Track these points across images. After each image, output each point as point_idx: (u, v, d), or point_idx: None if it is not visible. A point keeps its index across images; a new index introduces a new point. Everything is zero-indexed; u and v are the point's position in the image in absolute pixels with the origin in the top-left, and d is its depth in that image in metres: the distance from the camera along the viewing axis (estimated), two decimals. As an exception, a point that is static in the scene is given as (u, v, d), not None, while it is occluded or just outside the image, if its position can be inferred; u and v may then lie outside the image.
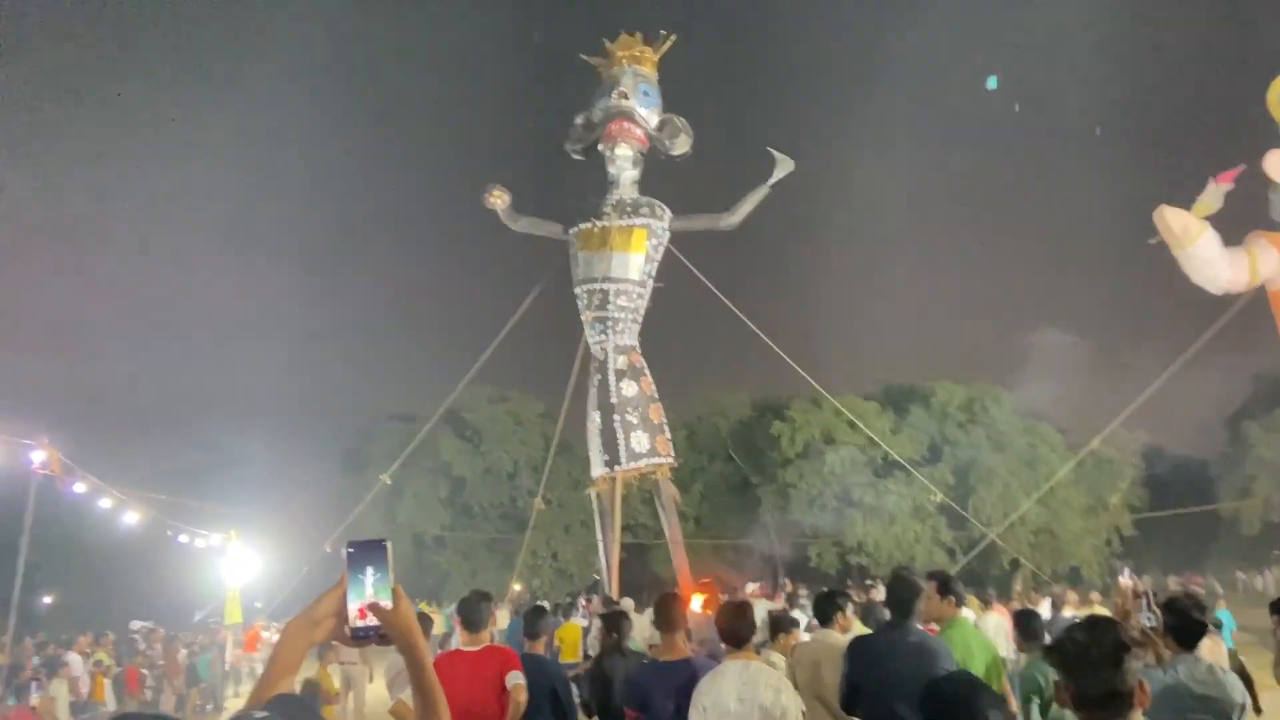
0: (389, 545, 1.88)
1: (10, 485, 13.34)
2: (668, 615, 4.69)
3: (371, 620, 1.82)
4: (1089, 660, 2.09)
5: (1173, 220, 12.74)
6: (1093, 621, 2.20)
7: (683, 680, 4.33)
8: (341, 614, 1.82)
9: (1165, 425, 30.25)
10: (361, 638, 1.82)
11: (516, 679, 4.80)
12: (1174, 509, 26.10)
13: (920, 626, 4.45)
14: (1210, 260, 12.85)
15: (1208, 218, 12.74)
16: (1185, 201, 12.93)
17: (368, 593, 1.82)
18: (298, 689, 1.92)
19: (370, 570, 1.84)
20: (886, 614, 4.88)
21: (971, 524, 23.56)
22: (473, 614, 5.02)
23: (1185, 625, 3.55)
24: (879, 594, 17.02)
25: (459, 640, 5.22)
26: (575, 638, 12.07)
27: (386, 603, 1.82)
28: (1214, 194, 12.72)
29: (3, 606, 16.15)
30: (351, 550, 1.86)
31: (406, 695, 5.22)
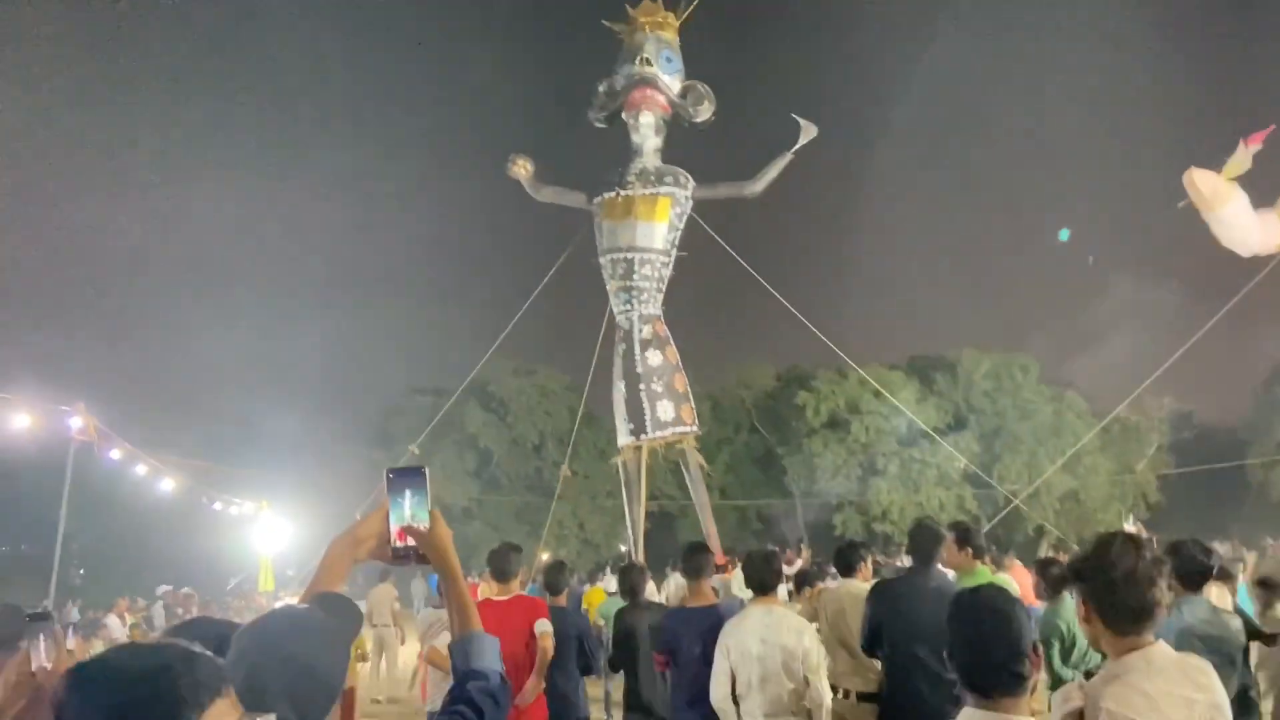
0: (427, 472, 1.99)
1: (48, 452, 13.67)
2: (695, 564, 4.81)
3: (410, 541, 1.93)
4: (1118, 576, 2.12)
5: (1202, 183, 12.57)
6: (1123, 537, 2.24)
7: (709, 625, 4.45)
8: (383, 535, 1.94)
9: (1193, 391, 29.99)
10: (401, 557, 1.94)
11: (544, 627, 4.94)
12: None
13: (942, 571, 4.56)
14: (1240, 223, 12.69)
15: (1237, 179, 12.56)
16: (1215, 164, 12.76)
17: (407, 515, 1.94)
18: None
19: (409, 495, 1.95)
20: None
21: (997, 491, 23.52)
22: (502, 564, 5.16)
23: (1190, 567, 3.61)
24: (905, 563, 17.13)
25: (489, 591, 5.37)
26: (601, 600, 12.28)
27: (424, 525, 1.94)
28: (1244, 156, 12.52)
29: (43, 572, 16.60)
30: (392, 476, 1.97)
31: (439, 642, 5.40)
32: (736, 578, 10.08)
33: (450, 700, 1.80)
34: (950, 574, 5.10)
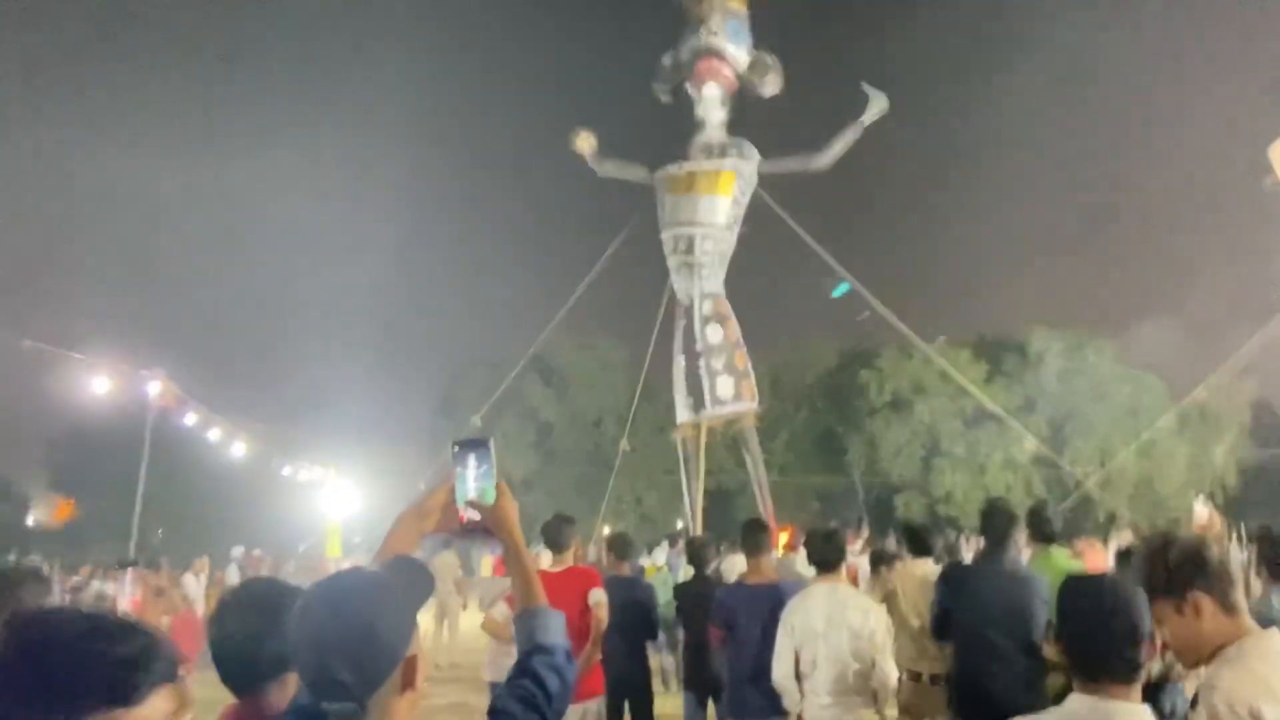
0: (492, 443, 1.96)
1: (128, 414, 14.11)
2: (754, 540, 4.76)
3: (476, 514, 1.91)
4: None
5: (1293, 156, 12.04)
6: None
7: (769, 604, 4.40)
8: (450, 508, 1.92)
9: (1276, 377, 28.84)
10: (469, 531, 1.93)
11: (599, 596, 4.95)
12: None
13: (1016, 555, 4.44)
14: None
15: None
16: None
17: (472, 488, 1.91)
18: None
19: (474, 467, 1.92)
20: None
21: (1067, 474, 22.94)
22: (555, 535, 5.19)
23: (1276, 558, 3.45)
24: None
25: (544, 562, 5.41)
26: (651, 574, 12.34)
27: (490, 499, 1.91)
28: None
29: (123, 530, 17.21)
30: (457, 448, 1.94)
31: (495, 611, 5.46)
32: (800, 556, 9.99)
33: (516, 673, 1.78)
34: (1024, 557, 4.97)
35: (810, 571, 7.10)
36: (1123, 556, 5.71)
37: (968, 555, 14.17)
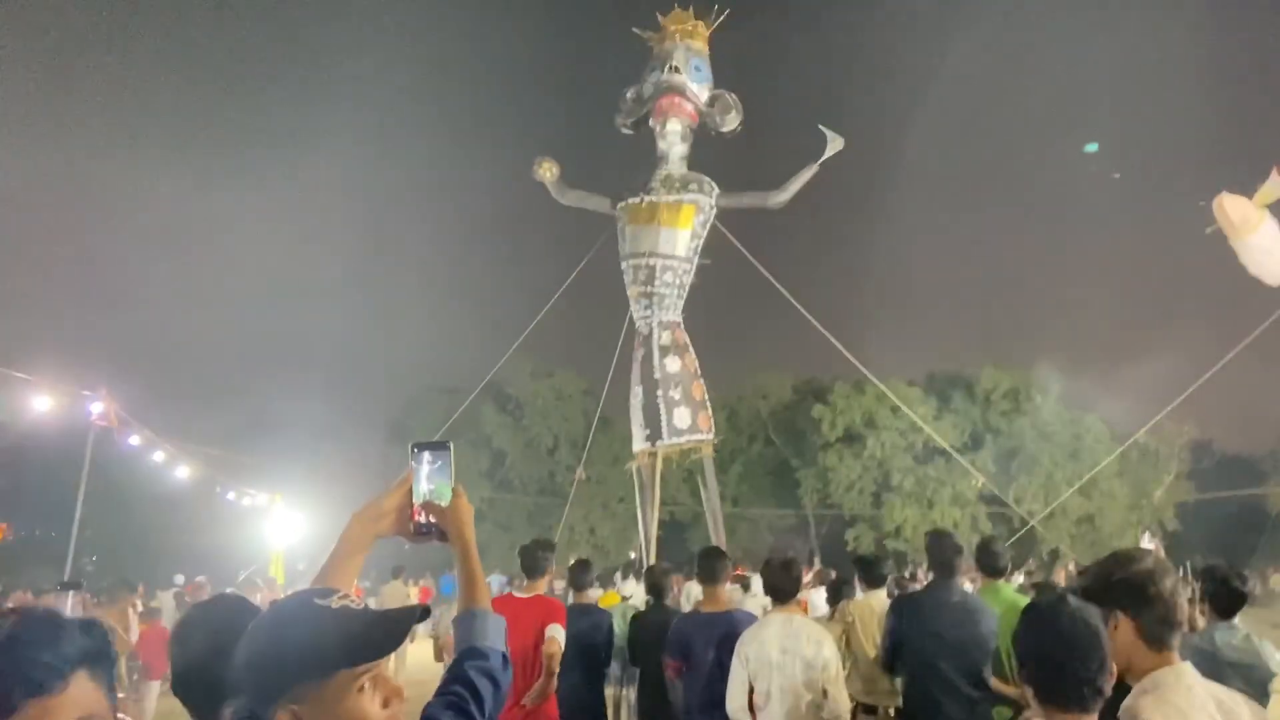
0: (451, 447, 1.97)
1: (67, 436, 13.70)
2: (710, 568, 4.76)
3: (431, 518, 1.91)
4: (1163, 590, 2.11)
5: (1231, 209, 12.46)
6: (1153, 555, 2.22)
7: (723, 631, 4.40)
8: (404, 510, 1.91)
9: (1214, 420, 29.73)
10: (423, 533, 1.92)
11: (555, 632, 4.83)
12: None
13: (963, 585, 4.51)
14: (1269, 250, 12.56)
15: (1269, 207, 12.44)
16: (1245, 190, 12.63)
17: (428, 491, 1.91)
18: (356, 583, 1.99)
19: (433, 470, 1.93)
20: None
21: (1012, 512, 23.32)
22: (532, 561, 5.12)
23: (1225, 593, 3.54)
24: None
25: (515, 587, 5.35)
26: (614, 603, 12.25)
27: (445, 501, 1.91)
28: (1276, 183, 12.41)
29: (56, 558, 16.65)
30: (417, 450, 1.94)
31: (451, 639, 5.36)
32: (755, 587, 10.03)
33: (448, 679, 1.74)
34: (969, 588, 5.05)
35: (756, 603, 7.11)
36: (1040, 588, 5.81)
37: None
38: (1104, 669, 1.93)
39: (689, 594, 10.81)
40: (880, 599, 5.42)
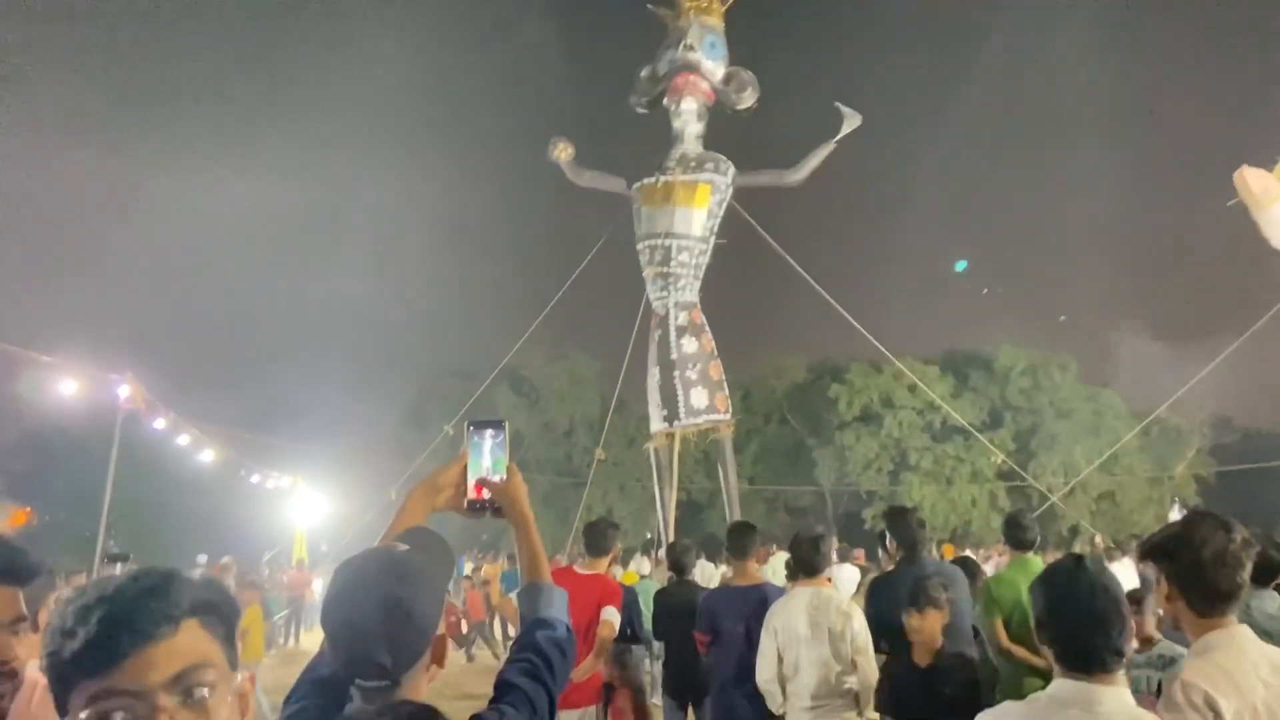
0: (506, 425, 2.00)
1: (94, 419, 13.84)
2: (741, 543, 4.79)
3: (486, 494, 1.95)
4: (1207, 556, 2.10)
5: (1253, 181, 12.35)
6: (1212, 518, 2.22)
7: (753, 605, 4.43)
8: (461, 486, 1.95)
9: (1235, 395, 29.47)
10: (476, 509, 1.95)
11: (610, 615, 4.87)
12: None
13: (935, 559, 4.59)
14: (1291, 223, 12.44)
15: (1290, 178, 12.31)
16: (1267, 163, 12.50)
17: (485, 466, 1.95)
18: None
19: (488, 447, 1.96)
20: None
21: (1032, 488, 23.28)
22: (594, 538, 5.16)
23: (1260, 562, 3.54)
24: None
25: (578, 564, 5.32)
26: (633, 581, 12.36)
27: (500, 477, 1.95)
28: (1297, 155, 12.29)
29: (83, 541, 16.87)
30: (472, 427, 1.98)
31: (513, 597, 5.43)
32: (773, 564, 10.08)
33: (519, 647, 1.79)
34: (991, 564, 5.08)
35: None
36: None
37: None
38: (1124, 632, 1.94)
39: (703, 574, 10.85)
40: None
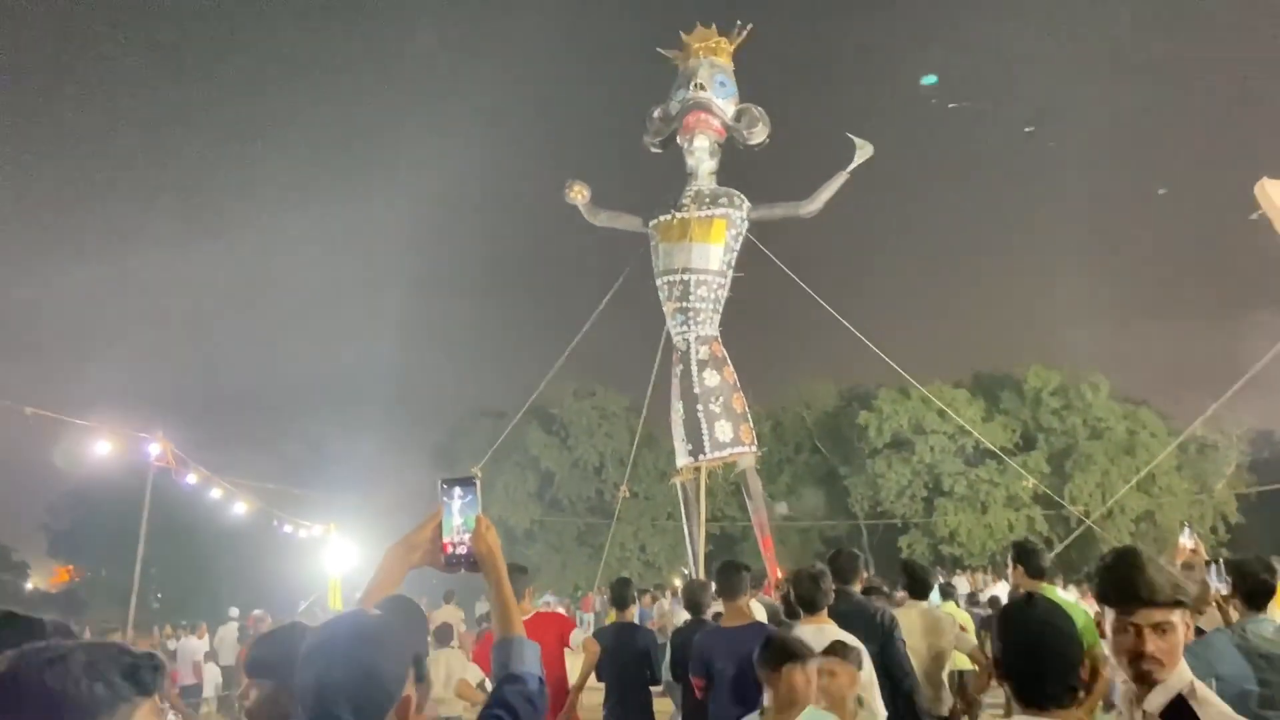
0: (478, 481, 2.08)
1: (127, 478, 14.11)
2: (729, 583, 4.80)
3: (460, 548, 2.01)
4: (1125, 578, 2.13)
5: (1275, 193, 12.23)
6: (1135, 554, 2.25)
7: (748, 644, 4.43)
8: (436, 542, 2.02)
9: (1274, 408, 28.89)
10: (452, 564, 2.02)
11: (576, 637, 5.07)
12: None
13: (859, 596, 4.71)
14: (1315, 233, 12.30)
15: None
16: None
17: (457, 522, 2.02)
18: None
19: (460, 503, 2.04)
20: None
21: (1069, 512, 22.91)
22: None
23: (1253, 585, 3.55)
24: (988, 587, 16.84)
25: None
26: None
27: (468, 534, 2.02)
28: (1319, 163, 12.18)
29: (121, 596, 17.10)
30: (445, 485, 2.06)
31: (469, 676, 5.56)
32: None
33: (489, 704, 1.85)
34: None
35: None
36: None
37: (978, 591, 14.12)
38: (1074, 669, 1.99)
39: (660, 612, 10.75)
40: (920, 610, 5.42)
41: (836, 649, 3.74)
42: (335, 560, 20.24)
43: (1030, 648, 2.00)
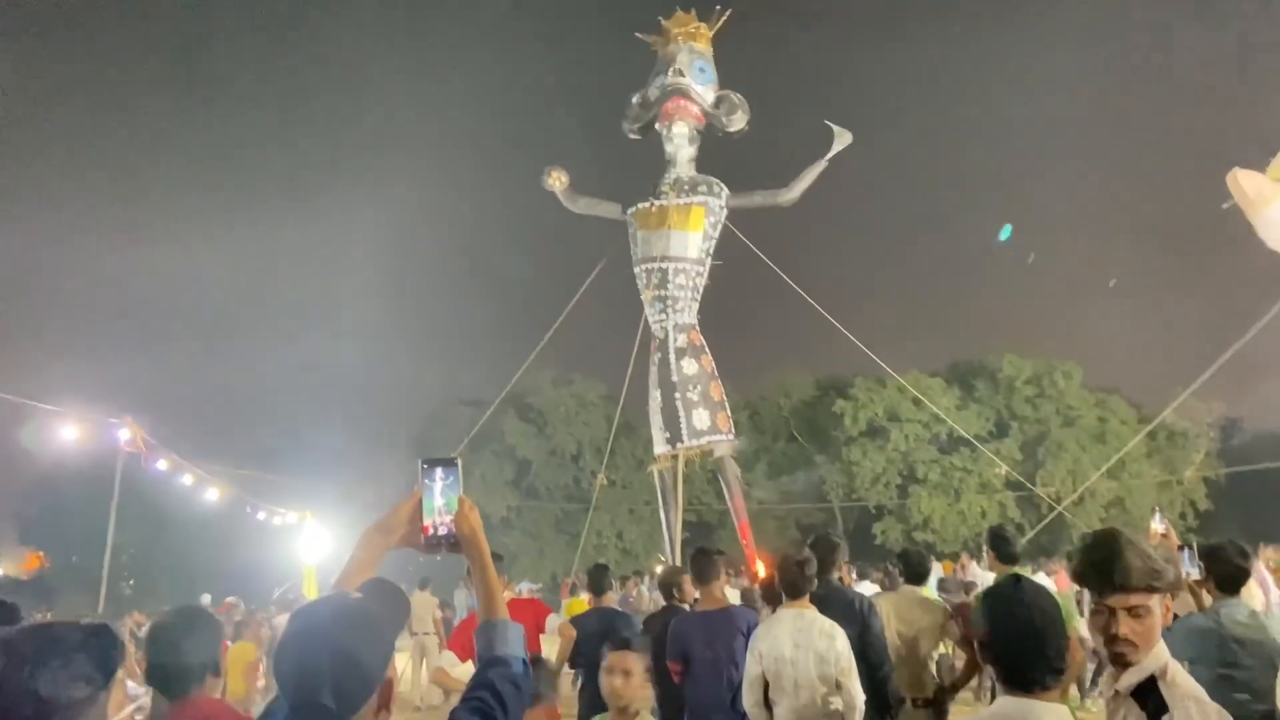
0: (460, 462, 2.05)
1: (97, 465, 13.93)
2: (702, 568, 4.82)
3: (442, 529, 1.98)
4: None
5: (1246, 183, 12.31)
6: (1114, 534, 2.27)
7: (722, 628, 4.44)
8: (415, 523, 1.99)
9: (1242, 396, 29.36)
10: (433, 545, 1.99)
11: (551, 622, 5.08)
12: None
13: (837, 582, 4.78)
14: (1286, 223, 12.46)
15: (1283, 179, 12.33)
16: (1259, 164, 12.52)
17: (439, 504, 1.99)
18: None
19: (441, 484, 2.00)
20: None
21: (1040, 498, 23.19)
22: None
23: (1227, 570, 3.59)
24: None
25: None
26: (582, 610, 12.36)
27: (451, 515, 1.99)
28: (1289, 154, 12.32)
29: (92, 584, 16.91)
30: (425, 465, 2.02)
31: (445, 662, 5.53)
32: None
33: (472, 686, 1.83)
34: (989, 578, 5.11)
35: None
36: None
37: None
38: (1060, 652, 2.00)
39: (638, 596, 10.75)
40: (908, 594, 5.50)
41: (624, 642, 3.31)
42: (310, 547, 20.11)
43: (1018, 630, 2.01)
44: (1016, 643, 2.01)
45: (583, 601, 12.83)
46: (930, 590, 9.14)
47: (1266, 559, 11.92)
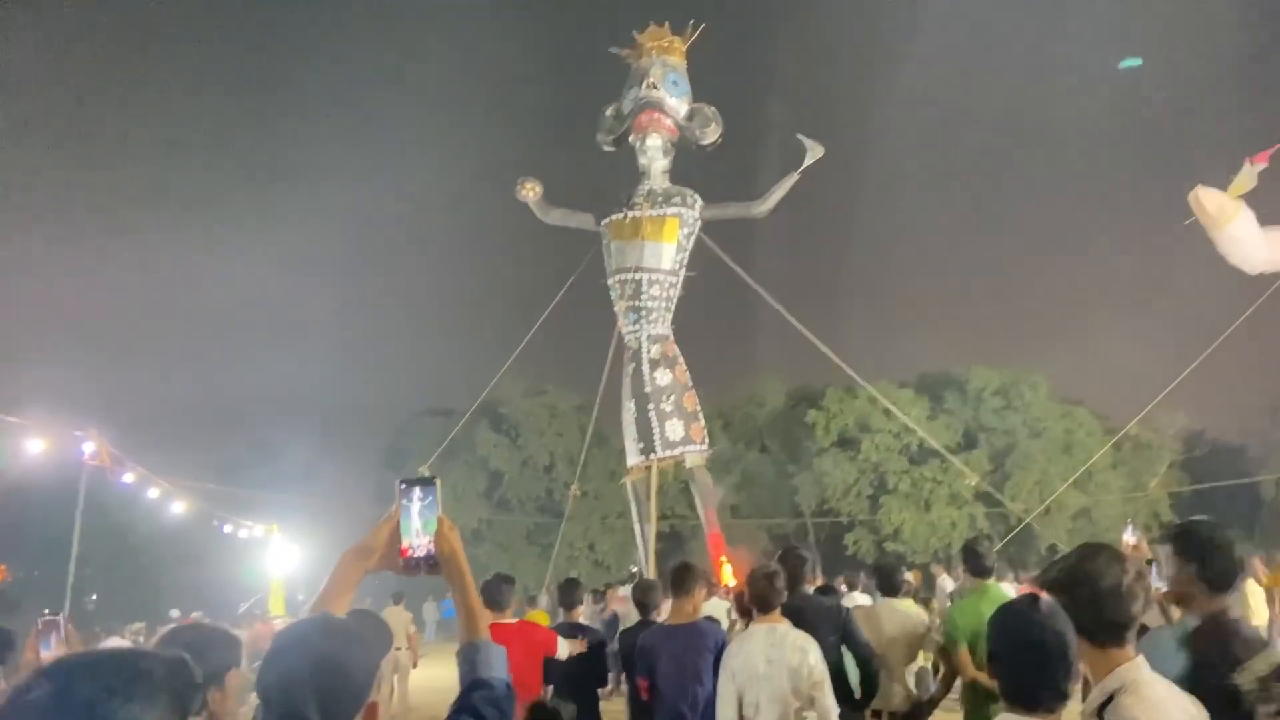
0: (438, 482, 2.03)
1: (61, 477, 13.73)
2: (679, 581, 4.81)
3: (420, 551, 1.97)
4: (1104, 589, 2.14)
5: (1208, 201, 12.55)
6: (1107, 551, 2.27)
7: (687, 642, 4.43)
8: (394, 545, 1.97)
9: (1206, 409, 29.86)
10: (412, 567, 1.96)
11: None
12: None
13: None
14: (1247, 240, 12.63)
15: (1243, 197, 12.57)
16: (1220, 182, 12.76)
17: (416, 524, 1.97)
18: None
19: (420, 505, 1.99)
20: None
21: (1008, 509, 23.43)
22: (495, 594, 5.20)
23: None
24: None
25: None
26: (544, 621, 12.30)
27: (430, 536, 1.97)
28: (1249, 174, 12.49)
29: (55, 598, 16.58)
30: (403, 486, 2.01)
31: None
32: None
33: (456, 709, 1.82)
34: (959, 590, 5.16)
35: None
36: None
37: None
38: (1069, 674, 2.00)
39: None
40: (886, 605, 5.54)
41: None
42: (277, 561, 19.89)
43: (1030, 649, 2.01)
44: (1024, 661, 2.01)
45: (543, 613, 12.78)
46: (909, 602, 9.22)
47: (1257, 571, 12.04)
